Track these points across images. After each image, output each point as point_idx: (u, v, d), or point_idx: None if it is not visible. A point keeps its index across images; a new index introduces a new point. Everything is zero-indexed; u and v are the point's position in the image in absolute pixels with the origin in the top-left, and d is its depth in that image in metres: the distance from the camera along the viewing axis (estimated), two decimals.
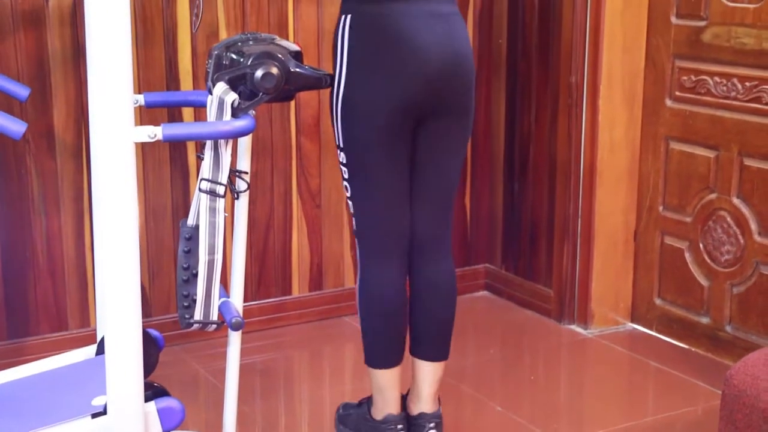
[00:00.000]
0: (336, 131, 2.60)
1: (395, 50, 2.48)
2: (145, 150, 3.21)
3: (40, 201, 3.23)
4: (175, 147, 3.40)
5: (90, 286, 3.31)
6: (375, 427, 2.67)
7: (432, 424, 2.66)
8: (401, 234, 2.65)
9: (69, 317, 3.32)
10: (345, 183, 2.63)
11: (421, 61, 2.48)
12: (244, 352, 2.59)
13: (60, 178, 3.24)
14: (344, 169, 2.61)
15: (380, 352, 2.68)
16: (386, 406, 2.66)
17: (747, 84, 3.21)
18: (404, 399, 2.74)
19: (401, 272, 2.67)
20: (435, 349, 2.71)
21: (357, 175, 2.60)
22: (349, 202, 2.65)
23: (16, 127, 2.07)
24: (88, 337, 3.13)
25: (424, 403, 2.69)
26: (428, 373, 2.69)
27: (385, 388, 2.66)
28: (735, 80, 3.25)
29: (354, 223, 2.67)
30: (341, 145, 2.60)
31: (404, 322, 2.70)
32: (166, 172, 3.41)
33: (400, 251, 2.66)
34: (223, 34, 3.40)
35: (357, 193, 2.62)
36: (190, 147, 3.42)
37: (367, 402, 2.74)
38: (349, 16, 2.52)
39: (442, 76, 2.51)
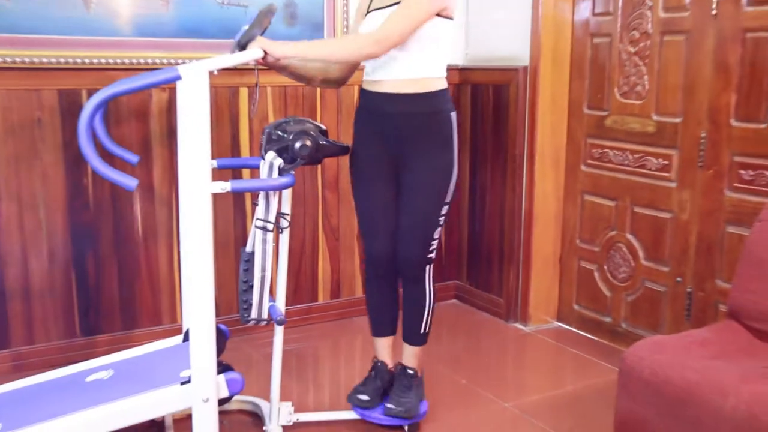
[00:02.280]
0: (449, 192, 2.53)
1: None
2: (216, 199, 3.17)
3: (143, 234, 3.23)
4: (237, 197, 3.38)
5: (177, 294, 3.30)
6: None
7: (410, 369, 2.67)
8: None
9: (163, 316, 3.32)
10: (441, 228, 2.59)
11: None
12: (284, 342, 2.60)
13: (157, 219, 3.24)
14: (445, 217, 2.56)
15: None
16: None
17: (635, 155, 3.23)
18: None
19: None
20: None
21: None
22: (437, 242, 2.60)
23: (130, 182, 2.09)
24: (176, 330, 3.13)
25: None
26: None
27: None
28: (627, 153, 3.27)
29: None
30: (449, 200, 2.53)
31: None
32: (230, 214, 3.40)
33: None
34: (271, 118, 3.39)
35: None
36: (247, 197, 3.40)
37: (405, 374, 2.70)
38: (455, 113, 2.51)
39: None
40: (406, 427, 2.64)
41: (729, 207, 2.89)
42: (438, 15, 2.40)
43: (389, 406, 2.60)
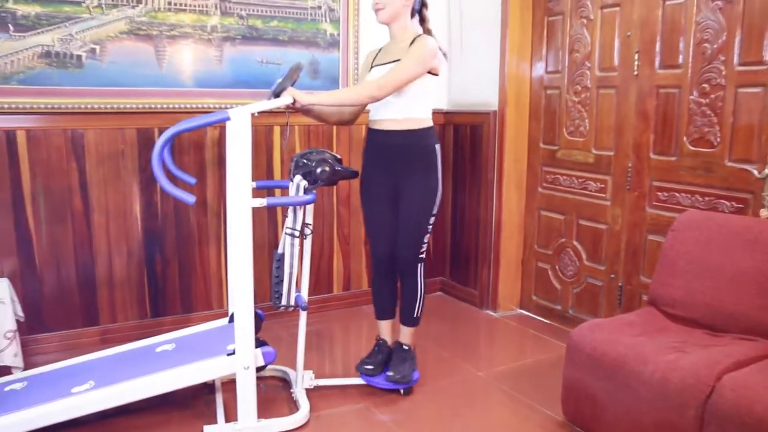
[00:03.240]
0: (435, 206, 2.50)
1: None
2: (254, 211, 3.04)
3: (198, 239, 3.23)
4: (270, 210, 3.38)
5: (224, 285, 3.29)
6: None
7: (405, 345, 2.65)
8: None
9: (213, 302, 3.31)
10: (429, 234, 2.55)
11: None
12: (307, 324, 2.60)
13: (209, 227, 3.24)
14: (432, 226, 2.52)
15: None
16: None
17: (579, 180, 3.24)
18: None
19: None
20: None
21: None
22: (426, 245, 2.56)
23: (190, 198, 2.10)
24: (223, 313, 3.17)
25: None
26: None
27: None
28: (574, 178, 3.27)
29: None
30: (436, 213, 2.51)
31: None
32: (265, 223, 3.38)
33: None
34: (298, 149, 3.40)
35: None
36: (279, 210, 3.41)
37: (402, 349, 2.68)
38: (439, 145, 2.48)
39: None
40: (402, 391, 2.63)
41: (649, 220, 2.89)
42: (428, 72, 2.40)
43: (390, 373, 2.60)
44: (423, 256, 2.57)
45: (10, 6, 2.72)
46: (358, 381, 2.69)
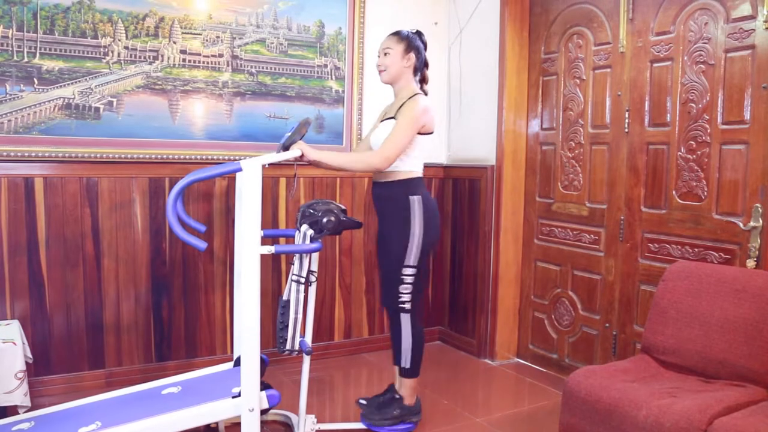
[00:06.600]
0: (408, 257, 2.48)
1: (436, 216, 2.54)
2: (261, 259, 3.14)
3: (204, 286, 3.25)
4: (274, 259, 3.39)
5: (228, 331, 3.30)
6: (414, 406, 2.63)
7: (397, 394, 2.65)
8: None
9: (217, 348, 3.31)
10: (408, 285, 2.51)
11: (439, 220, 2.59)
12: (309, 370, 2.59)
13: (215, 274, 3.26)
14: (410, 277, 2.50)
15: (419, 368, 2.64)
16: (415, 394, 2.67)
17: (574, 232, 3.28)
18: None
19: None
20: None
21: (418, 277, 2.53)
22: (408, 296, 2.52)
23: (202, 244, 2.15)
24: (227, 358, 3.18)
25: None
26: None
27: (416, 386, 2.67)
28: (568, 230, 3.31)
29: (410, 303, 2.53)
30: (413, 264, 2.49)
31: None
32: (269, 271, 3.39)
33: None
34: (303, 200, 3.43)
35: (416, 285, 2.54)
36: (282, 259, 3.42)
37: (392, 397, 2.66)
38: (417, 197, 2.50)
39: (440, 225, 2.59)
40: None
41: (641, 271, 2.93)
42: (419, 133, 2.49)
43: (362, 402, 2.67)
44: (406, 306, 2.55)
45: (36, 61, 2.86)
46: (359, 425, 2.70)
